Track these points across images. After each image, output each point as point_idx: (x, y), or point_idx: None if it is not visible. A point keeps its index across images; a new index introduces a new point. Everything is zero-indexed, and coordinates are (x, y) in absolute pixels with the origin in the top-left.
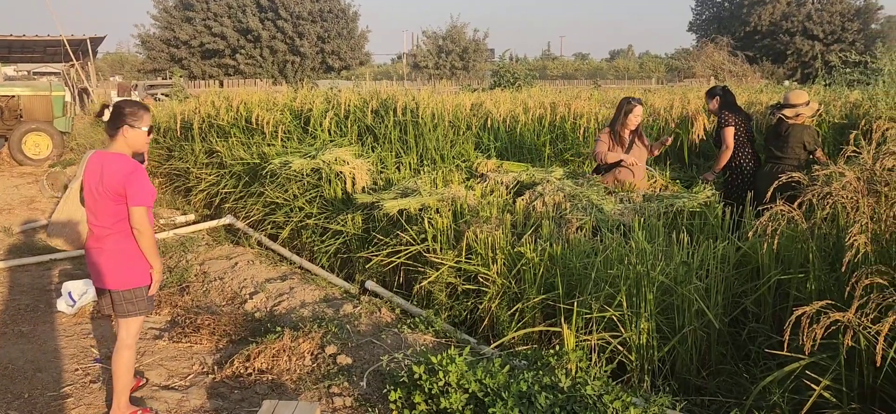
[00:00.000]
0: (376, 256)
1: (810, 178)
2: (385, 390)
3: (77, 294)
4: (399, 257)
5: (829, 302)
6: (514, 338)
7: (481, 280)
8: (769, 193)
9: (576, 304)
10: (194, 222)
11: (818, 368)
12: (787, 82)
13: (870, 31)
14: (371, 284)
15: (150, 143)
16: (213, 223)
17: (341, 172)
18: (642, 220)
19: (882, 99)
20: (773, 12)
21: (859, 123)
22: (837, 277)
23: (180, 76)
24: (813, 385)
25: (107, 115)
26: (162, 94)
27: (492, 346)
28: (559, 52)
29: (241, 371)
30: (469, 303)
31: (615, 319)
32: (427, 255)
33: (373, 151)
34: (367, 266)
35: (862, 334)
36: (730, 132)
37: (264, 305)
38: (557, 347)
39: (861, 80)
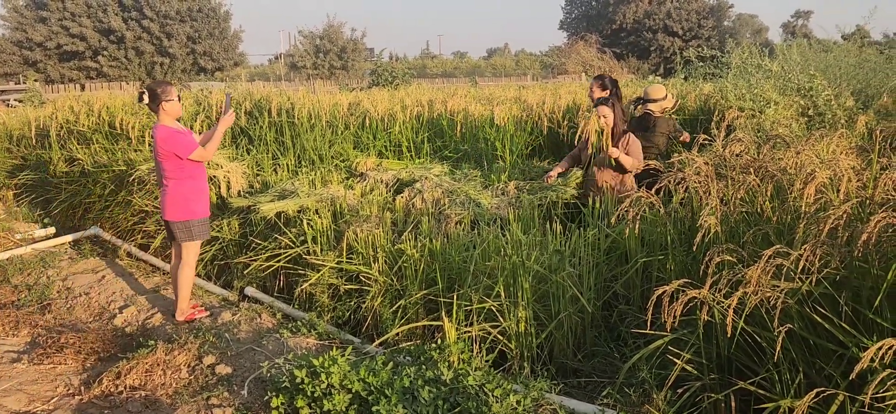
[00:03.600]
0: (255, 261)
1: (667, 165)
2: (267, 397)
3: None
4: (278, 261)
5: (687, 280)
6: (397, 335)
7: (363, 279)
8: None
9: (456, 297)
10: (55, 235)
11: (680, 343)
12: (650, 77)
13: (723, 28)
14: (251, 290)
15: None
16: (77, 235)
17: (215, 176)
18: (518, 212)
19: (730, 90)
20: (636, 11)
21: (712, 113)
22: (694, 257)
23: (35, 80)
24: (675, 359)
25: (146, 99)
26: (15, 99)
27: (375, 344)
28: (438, 51)
29: (112, 389)
30: (352, 303)
31: (494, 309)
32: (307, 257)
33: (248, 154)
34: (245, 272)
35: (716, 309)
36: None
37: (136, 318)
38: (440, 341)
39: (715, 73)
